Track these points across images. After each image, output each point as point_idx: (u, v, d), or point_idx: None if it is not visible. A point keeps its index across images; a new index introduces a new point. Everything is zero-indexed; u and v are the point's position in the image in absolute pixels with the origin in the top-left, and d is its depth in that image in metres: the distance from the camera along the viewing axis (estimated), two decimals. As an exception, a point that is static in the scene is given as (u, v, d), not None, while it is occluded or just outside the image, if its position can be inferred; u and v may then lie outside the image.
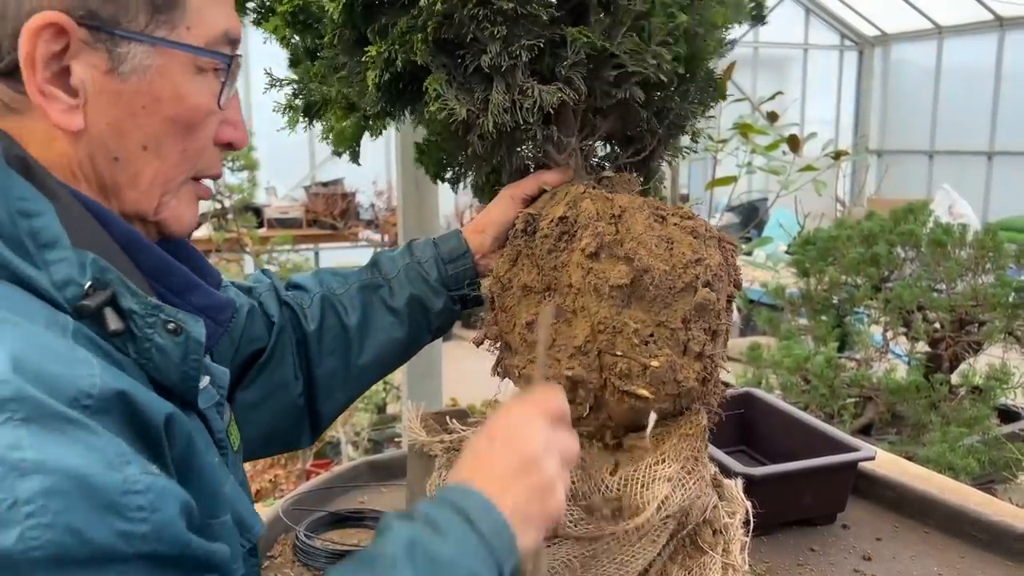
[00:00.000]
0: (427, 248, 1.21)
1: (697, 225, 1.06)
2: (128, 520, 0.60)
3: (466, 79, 1.09)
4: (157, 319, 0.75)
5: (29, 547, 0.56)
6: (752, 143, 3.83)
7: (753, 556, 1.39)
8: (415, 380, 3.02)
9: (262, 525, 0.88)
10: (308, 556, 1.48)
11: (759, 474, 1.48)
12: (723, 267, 1.06)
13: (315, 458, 3.80)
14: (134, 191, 0.81)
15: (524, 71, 1.07)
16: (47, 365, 0.62)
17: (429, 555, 0.73)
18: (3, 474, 0.57)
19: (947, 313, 3.08)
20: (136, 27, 0.76)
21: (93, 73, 0.75)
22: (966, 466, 2.51)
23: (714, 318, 1.03)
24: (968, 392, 2.97)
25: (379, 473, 1.81)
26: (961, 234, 3.17)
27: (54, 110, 0.74)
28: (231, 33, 0.84)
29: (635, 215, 1.05)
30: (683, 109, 1.16)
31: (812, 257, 3.43)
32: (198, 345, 0.77)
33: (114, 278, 0.73)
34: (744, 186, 5.63)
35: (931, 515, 1.57)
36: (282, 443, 1.20)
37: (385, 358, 1.19)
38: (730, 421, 1.80)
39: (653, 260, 1.01)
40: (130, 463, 0.62)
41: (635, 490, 1.04)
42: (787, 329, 3.47)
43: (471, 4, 1.01)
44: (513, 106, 1.07)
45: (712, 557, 1.07)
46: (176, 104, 0.80)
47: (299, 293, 1.18)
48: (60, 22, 0.72)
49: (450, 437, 1.20)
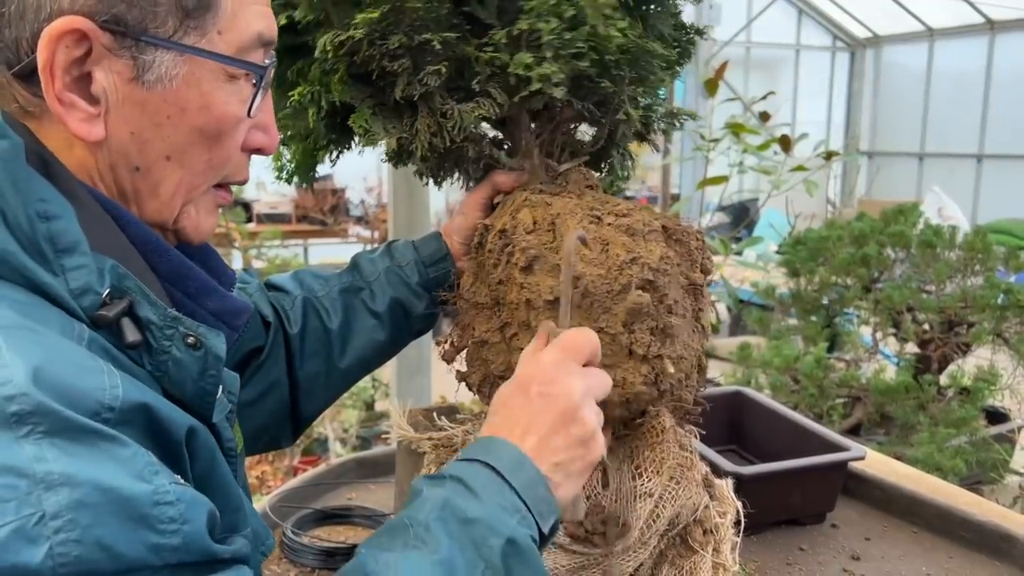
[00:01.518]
0: (407, 251, 1.20)
1: (633, 222, 1.01)
2: (159, 533, 0.59)
3: (395, 107, 1.10)
4: (176, 331, 0.72)
5: (57, 564, 0.54)
6: (743, 143, 3.84)
7: (743, 555, 1.39)
8: (404, 377, 3.02)
9: (273, 539, 0.87)
10: (295, 553, 1.47)
11: (748, 473, 1.47)
12: (669, 260, 1.00)
13: (303, 455, 3.79)
14: (155, 201, 0.77)
15: (442, 93, 1.07)
16: (67, 377, 0.60)
17: (462, 516, 0.72)
18: (28, 488, 0.55)
19: (936, 314, 3.09)
20: (164, 33, 0.72)
21: (116, 81, 0.71)
22: (954, 467, 2.52)
23: (663, 315, 0.98)
24: (956, 393, 2.98)
25: (367, 470, 1.80)
26: (951, 236, 3.18)
27: (73, 119, 0.71)
28: (265, 35, 0.79)
29: (567, 221, 1.02)
30: (622, 94, 1.10)
31: (802, 257, 3.43)
32: (217, 360, 0.75)
33: (133, 286, 0.70)
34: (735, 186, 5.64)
35: (920, 515, 1.57)
36: (267, 442, 1.19)
37: (366, 360, 1.19)
38: (721, 420, 1.80)
39: (586, 266, 0.97)
40: (159, 473, 0.60)
41: (621, 506, 1.04)
42: (777, 329, 3.48)
43: (365, 43, 1.02)
44: (440, 128, 1.07)
45: (702, 557, 1.07)
46: (203, 114, 0.75)
47: (279, 295, 1.17)
48: (83, 28, 0.68)
49: (439, 435, 1.19)
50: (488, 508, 0.74)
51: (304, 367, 1.14)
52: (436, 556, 0.70)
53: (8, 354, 0.58)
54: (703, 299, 1.05)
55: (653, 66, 1.09)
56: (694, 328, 1.03)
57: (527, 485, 0.77)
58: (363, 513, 1.62)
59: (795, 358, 3.12)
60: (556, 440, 0.81)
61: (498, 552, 0.72)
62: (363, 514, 1.62)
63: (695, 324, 1.04)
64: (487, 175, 1.19)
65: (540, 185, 1.13)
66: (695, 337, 1.04)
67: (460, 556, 0.71)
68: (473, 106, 1.05)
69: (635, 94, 1.11)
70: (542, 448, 0.80)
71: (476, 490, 0.75)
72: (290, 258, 6.08)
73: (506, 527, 0.73)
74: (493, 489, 0.75)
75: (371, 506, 1.64)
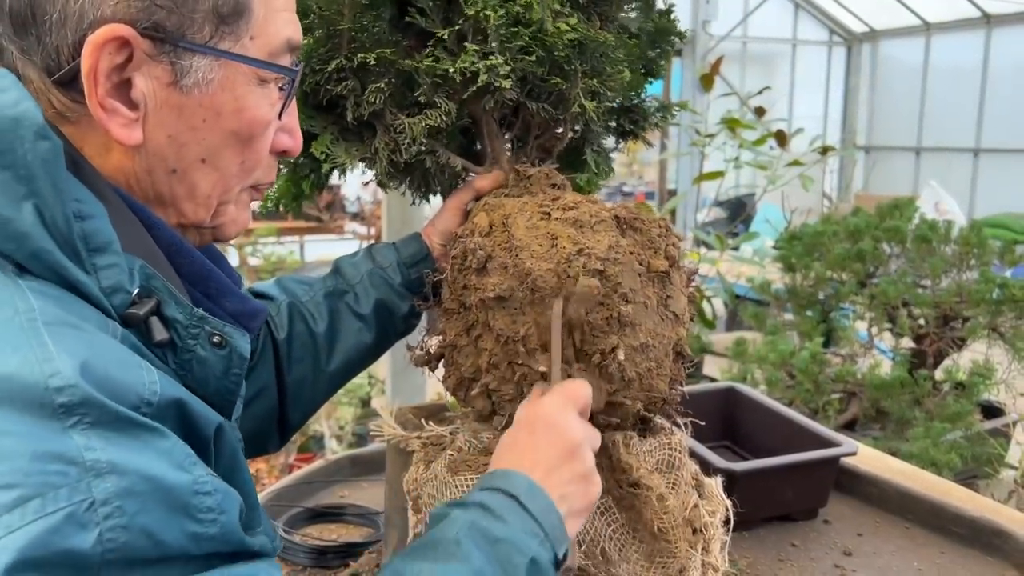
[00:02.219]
0: (389, 253, 1.20)
1: (580, 214, 1.01)
2: (199, 522, 0.61)
3: (355, 129, 1.12)
4: (201, 330, 0.74)
5: (106, 549, 0.56)
6: (740, 138, 3.83)
7: (734, 551, 1.39)
8: (399, 375, 3.01)
9: (280, 540, 0.89)
10: (287, 551, 1.47)
11: (741, 469, 1.47)
12: (620, 248, 0.99)
13: (299, 452, 3.79)
14: (191, 203, 0.80)
15: (392, 110, 1.09)
16: (111, 370, 0.62)
17: (489, 536, 0.76)
18: (79, 475, 0.57)
19: (931, 309, 3.09)
20: (200, 39, 0.74)
21: (155, 86, 0.73)
22: (949, 462, 2.52)
23: (617, 303, 0.97)
24: (951, 388, 2.98)
25: (360, 467, 1.80)
26: (946, 230, 3.18)
27: (114, 124, 0.72)
28: (293, 40, 0.82)
29: (517, 219, 1.03)
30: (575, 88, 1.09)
31: (798, 252, 3.43)
32: (242, 360, 0.77)
33: (160, 286, 0.72)
34: (732, 181, 5.64)
35: (912, 511, 1.57)
36: (257, 447, 1.19)
37: (353, 363, 1.19)
38: (714, 416, 1.80)
39: (535, 262, 0.97)
40: (196, 464, 0.63)
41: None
42: (772, 324, 3.47)
43: (309, 71, 1.04)
44: (397, 145, 1.09)
45: (692, 556, 1.07)
46: (237, 117, 0.78)
47: (264, 303, 1.16)
48: (125, 35, 0.70)
49: (428, 433, 1.19)
50: (512, 530, 0.78)
51: (292, 372, 1.15)
52: (470, 566, 0.73)
53: (55, 348, 0.60)
54: (672, 285, 1.04)
55: (609, 59, 1.08)
56: (663, 316, 1.03)
57: (543, 511, 0.81)
58: (356, 511, 1.62)
59: (791, 353, 3.12)
60: (562, 473, 0.86)
61: (524, 570, 0.76)
62: (356, 512, 1.62)
63: (664, 312, 1.03)
64: (465, 183, 1.21)
65: (504, 190, 1.14)
66: (665, 324, 1.03)
67: (490, 570, 0.74)
68: (420, 117, 1.07)
69: (593, 87, 1.10)
70: (549, 479, 0.85)
71: (499, 514, 0.79)
72: (285, 255, 6.07)
73: (529, 548, 0.78)
74: (514, 514, 0.80)
75: (364, 504, 1.64)
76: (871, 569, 1.41)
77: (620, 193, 10.43)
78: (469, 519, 0.78)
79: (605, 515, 1.06)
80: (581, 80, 1.08)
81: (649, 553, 1.05)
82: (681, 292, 1.07)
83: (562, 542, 0.82)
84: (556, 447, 0.87)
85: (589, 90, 1.09)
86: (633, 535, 1.06)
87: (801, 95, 10.92)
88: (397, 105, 1.10)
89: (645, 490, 1.04)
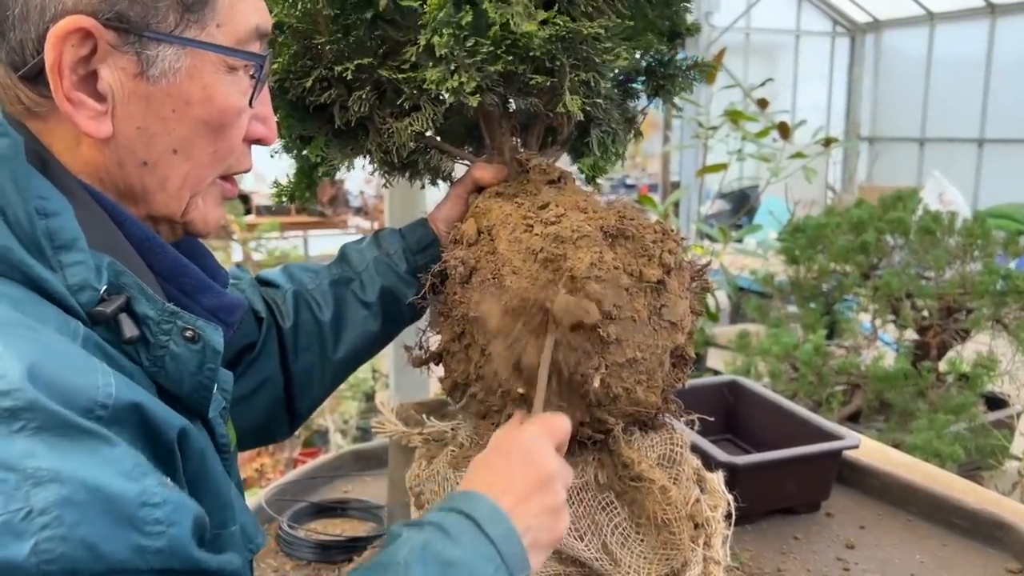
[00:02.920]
0: (394, 240, 1.19)
1: (562, 229, 0.97)
2: (144, 534, 0.59)
3: (348, 130, 1.12)
4: (173, 326, 0.73)
5: (42, 560, 0.54)
6: (742, 130, 3.82)
7: (736, 545, 1.39)
8: (402, 370, 3.02)
9: (264, 536, 0.87)
10: (291, 546, 1.48)
11: (743, 463, 1.48)
12: (603, 264, 0.95)
13: (303, 447, 3.80)
14: (163, 194, 0.79)
15: (379, 113, 1.08)
16: (62, 374, 0.60)
17: (441, 558, 0.73)
18: (17, 483, 0.55)
19: (935, 301, 3.09)
20: (165, 28, 0.73)
21: (121, 77, 0.73)
22: (952, 453, 2.52)
23: (600, 323, 0.94)
24: (955, 380, 2.98)
25: (364, 462, 1.80)
26: (950, 222, 3.17)
27: (82, 117, 0.72)
28: (261, 27, 0.81)
29: (500, 232, 1.01)
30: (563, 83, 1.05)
31: (801, 245, 3.42)
32: (215, 354, 0.76)
33: (130, 282, 0.71)
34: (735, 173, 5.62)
35: (914, 503, 1.57)
36: (264, 437, 1.20)
37: (360, 351, 1.18)
38: (716, 409, 1.80)
39: (514, 279, 0.96)
40: (147, 475, 0.61)
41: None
42: (776, 317, 3.47)
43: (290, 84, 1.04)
44: (388, 146, 1.09)
45: (694, 551, 1.07)
46: (207, 106, 0.77)
47: (270, 290, 1.17)
48: (87, 26, 0.69)
49: (429, 430, 1.19)
50: (466, 553, 0.75)
51: (298, 361, 1.14)
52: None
53: (4, 350, 0.59)
54: (668, 293, 1.01)
55: (599, 48, 1.04)
56: (656, 326, 1.00)
57: (503, 538, 0.78)
58: (359, 506, 1.63)
59: (794, 346, 3.12)
60: (531, 504, 0.84)
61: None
62: (359, 507, 1.63)
63: (658, 321, 1.00)
64: (466, 172, 1.19)
65: (499, 187, 1.13)
66: (659, 335, 1.00)
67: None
68: (408, 122, 1.06)
69: (585, 79, 1.06)
70: (518, 508, 0.82)
71: (455, 536, 0.76)
72: (289, 250, 6.07)
73: (483, 573, 0.75)
74: (471, 537, 0.77)
75: (367, 499, 1.64)
76: (873, 562, 1.41)
77: (623, 186, 10.40)
78: (423, 540, 0.75)
79: (607, 510, 1.07)
80: (571, 73, 1.05)
81: (652, 546, 1.06)
82: (680, 297, 1.03)
83: (521, 570, 0.80)
84: (529, 477, 0.85)
85: (581, 83, 1.06)
86: (636, 529, 1.06)
87: (804, 86, 10.88)
88: (384, 109, 1.09)
89: (648, 483, 1.04)
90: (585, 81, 1.06)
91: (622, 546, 1.05)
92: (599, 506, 1.06)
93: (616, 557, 1.05)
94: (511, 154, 1.16)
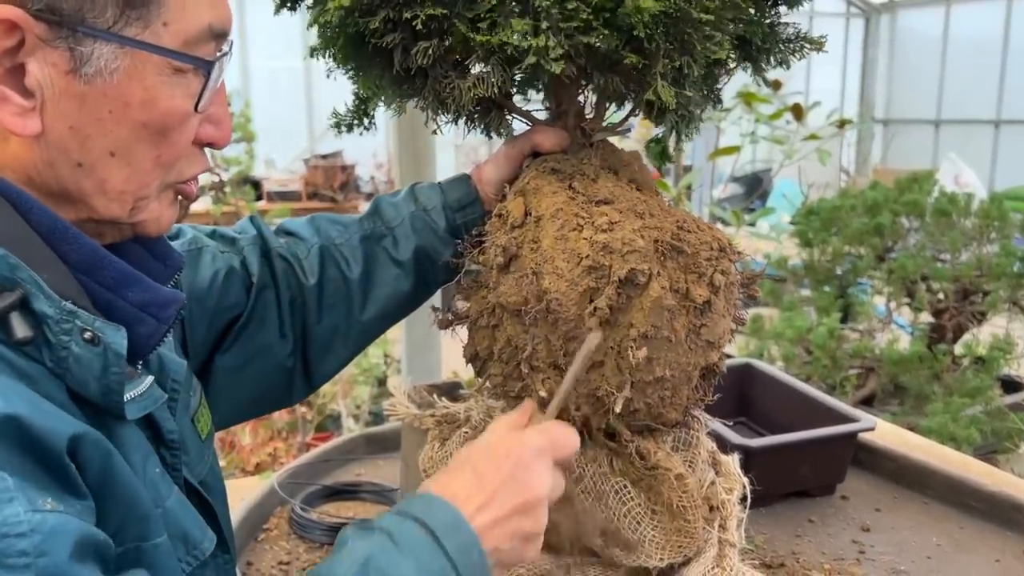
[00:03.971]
0: (433, 195, 1.12)
1: (612, 239, 0.92)
2: (7, 568, 0.54)
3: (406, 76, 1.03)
4: (73, 325, 0.67)
5: None
6: (756, 112, 3.79)
7: (751, 527, 1.38)
8: (414, 354, 3.02)
9: (213, 538, 0.82)
10: (304, 529, 1.48)
11: (757, 446, 1.46)
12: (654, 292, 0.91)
13: (316, 431, 3.81)
14: (102, 198, 0.73)
15: (442, 66, 1.00)
16: None
17: (383, 573, 0.69)
18: None
19: (951, 283, 3.06)
20: (103, 24, 0.67)
21: (52, 73, 0.67)
22: (968, 436, 2.51)
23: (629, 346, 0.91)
24: (971, 362, 2.96)
25: (375, 445, 1.80)
26: (966, 203, 3.14)
27: (5, 112, 0.67)
28: (216, 27, 0.74)
29: (548, 226, 0.95)
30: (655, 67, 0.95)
31: (815, 227, 3.40)
32: (118, 357, 0.69)
33: (26, 277, 0.65)
34: (748, 156, 5.59)
35: (931, 486, 1.56)
36: (270, 404, 1.15)
37: (389, 312, 1.12)
38: (730, 392, 1.79)
39: (554, 281, 0.92)
40: (13, 500, 0.56)
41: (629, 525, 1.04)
42: (789, 300, 3.46)
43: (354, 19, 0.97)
44: (443, 102, 1.01)
45: (708, 534, 1.06)
46: (147, 109, 0.71)
47: (294, 242, 1.11)
48: (12, 17, 0.64)
49: (442, 411, 1.19)
50: (415, 568, 0.71)
51: (321, 320, 1.09)
52: None
53: None
54: (711, 313, 0.96)
55: (702, 36, 0.93)
56: (692, 345, 0.96)
57: (461, 549, 0.74)
58: (371, 489, 1.63)
59: (807, 329, 3.11)
60: (507, 526, 0.79)
61: None
62: (371, 490, 1.63)
63: (695, 341, 0.96)
64: (525, 132, 1.10)
65: (556, 160, 1.06)
66: (693, 353, 0.97)
67: None
68: (471, 84, 0.98)
69: (679, 65, 0.96)
70: (494, 529, 0.78)
71: (404, 548, 0.72)
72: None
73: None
74: (422, 549, 0.72)
75: (379, 481, 1.64)
76: (889, 544, 1.40)
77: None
78: (368, 551, 0.70)
79: (619, 495, 1.06)
80: (663, 58, 0.94)
81: (665, 532, 1.05)
82: (723, 316, 0.99)
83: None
84: (516, 498, 0.80)
85: (674, 69, 0.95)
86: (651, 515, 1.05)
87: (818, 68, 10.78)
88: (448, 62, 1.00)
89: (664, 471, 1.03)
90: (678, 67, 0.95)
91: (634, 531, 1.05)
92: (611, 491, 1.06)
93: (628, 542, 1.04)
94: (576, 120, 1.08)
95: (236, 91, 4.92)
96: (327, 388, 3.68)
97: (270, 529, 1.50)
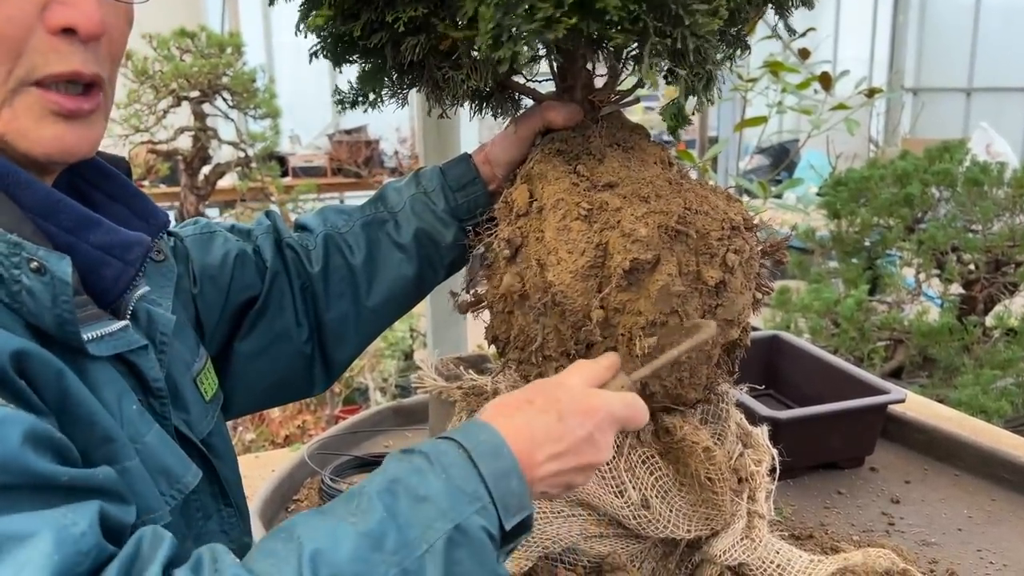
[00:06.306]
0: (433, 176, 1.12)
1: (615, 229, 0.91)
2: None
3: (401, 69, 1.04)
4: (21, 258, 0.67)
5: None
6: (783, 82, 3.73)
7: (780, 499, 1.38)
8: (439, 328, 3.02)
9: (197, 473, 0.82)
10: (333, 499, 1.50)
11: (785, 417, 1.46)
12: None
13: (344, 404, 3.85)
14: None
15: (432, 61, 1.00)
16: None
17: (413, 493, 0.68)
18: None
19: (982, 254, 3.02)
20: None
21: None
22: (999, 409, 2.48)
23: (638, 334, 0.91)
24: (1002, 334, 2.91)
25: (403, 417, 1.82)
26: (998, 173, 3.08)
27: None
28: None
29: (551, 216, 0.94)
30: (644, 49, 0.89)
31: (843, 199, 3.36)
32: (64, 285, 0.69)
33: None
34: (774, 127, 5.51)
35: (961, 458, 1.55)
36: (292, 392, 1.16)
37: (397, 298, 1.12)
38: (757, 365, 1.78)
39: (558, 272, 0.91)
40: None
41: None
42: (817, 272, 3.42)
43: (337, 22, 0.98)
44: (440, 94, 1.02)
45: (737, 505, 1.06)
46: None
47: (304, 234, 1.11)
48: None
49: (468, 384, 1.19)
50: (445, 487, 0.69)
51: (331, 309, 1.09)
52: (363, 528, 0.65)
53: None
54: (727, 292, 0.96)
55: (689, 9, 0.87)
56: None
57: (497, 474, 0.72)
58: (400, 461, 1.64)
59: (835, 301, 3.08)
60: (565, 478, 0.79)
61: (442, 537, 0.67)
62: (400, 462, 1.64)
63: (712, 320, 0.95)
64: (533, 109, 1.08)
65: (563, 139, 1.03)
66: None
67: (394, 532, 0.66)
68: (464, 77, 0.97)
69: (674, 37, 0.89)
70: (555, 477, 0.78)
71: (437, 467, 0.70)
72: (326, 211, 6.09)
73: (458, 513, 0.68)
74: (456, 469, 0.71)
75: (408, 454, 1.66)
76: (919, 516, 1.39)
77: (661, 141, 10.26)
78: (398, 472, 0.69)
79: (647, 464, 1.06)
80: (654, 36, 0.89)
81: (693, 503, 1.05)
82: (740, 293, 0.98)
83: (518, 511, 0.72)
84: (584, 457, 0.79)
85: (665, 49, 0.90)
86: (679, 485, 1.06)
87: (847, 36, 10.58)
88: (440, 56, 1.00)
89: (690, 443, 1.03)
90: (673, 40, 0.89)
91: (662, 500, 1.05)
92: (639, 461, 1.06)
93: (657, 512, 1.05)
94: (584, 93, 1.06)
95: (261, 67, 4.92)
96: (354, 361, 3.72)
97: (300, 500, 1.52)
